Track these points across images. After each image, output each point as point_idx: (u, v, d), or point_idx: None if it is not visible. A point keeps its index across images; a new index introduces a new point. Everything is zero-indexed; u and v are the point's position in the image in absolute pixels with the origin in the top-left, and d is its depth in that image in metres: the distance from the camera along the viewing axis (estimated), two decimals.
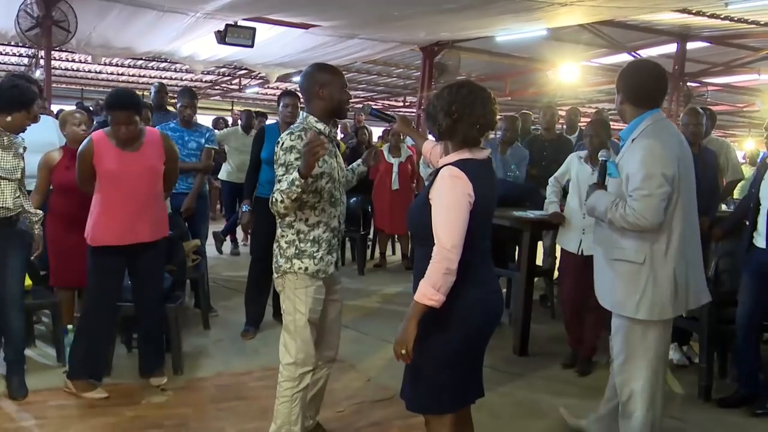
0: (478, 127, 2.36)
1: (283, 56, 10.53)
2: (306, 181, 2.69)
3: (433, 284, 2.24)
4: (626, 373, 2.97)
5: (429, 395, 2.44)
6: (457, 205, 2.27)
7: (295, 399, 2.96)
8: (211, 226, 6.52)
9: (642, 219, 2.73)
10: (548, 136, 6.43)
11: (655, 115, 2.88)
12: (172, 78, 16.40)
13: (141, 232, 3.69)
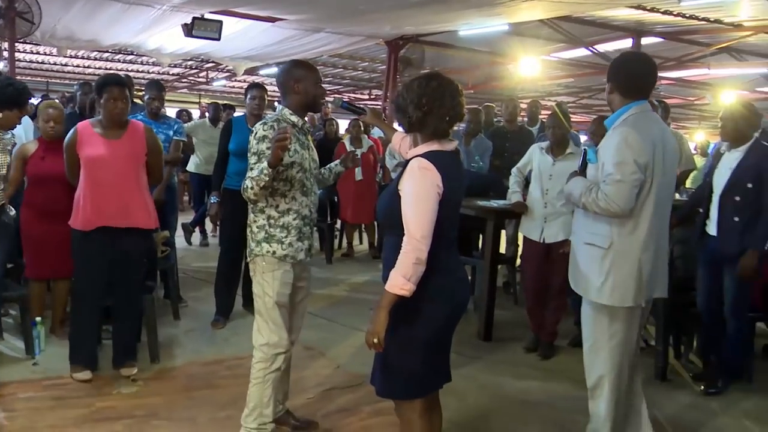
0: (447, 119, 2.36)
1: (250, 49, 10.41)
2: (274, 170, 2.76)
3: (404, 274, 2.24)
4: (593, 357, 3.00)
5: (399, 381, 2.44)
6: (427, 197, 2.27)
7: (267, 380, 2.99)
8: (180, 218, 6.43)
9: (613, 204, 2.75)
10: (510, 127, 6.47)
11: (641, 106, 2.88)
12: (139, 71, 16.09)
13: (138, 218, 3.69)
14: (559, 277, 4.50)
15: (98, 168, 3.58)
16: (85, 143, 3.59)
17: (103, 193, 3.59)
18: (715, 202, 3.94)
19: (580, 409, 3.71)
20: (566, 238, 4.37)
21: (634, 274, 2.84)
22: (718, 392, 4.00)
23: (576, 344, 4.79)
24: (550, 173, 4.42)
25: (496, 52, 11.21)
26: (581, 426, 3.52)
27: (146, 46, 10.29)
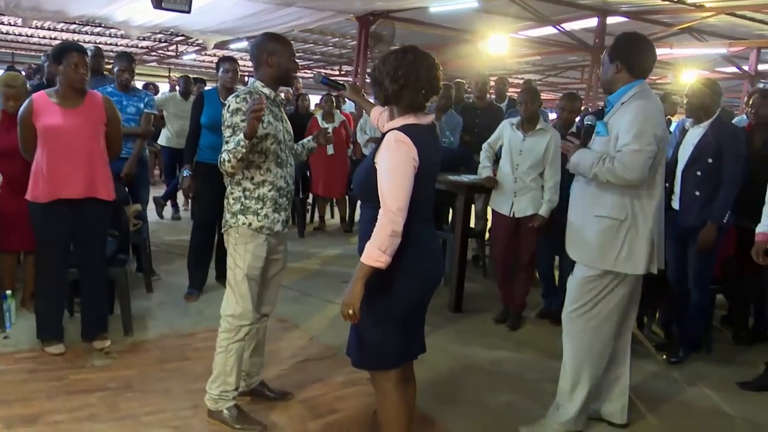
0: (423, 92, 2.32)
1: (221, 23, 10.16)
2: (250, 142, 2.71)
3: (380, 246, 2.22)
4: (573, 321, 3.02)
5: (374, 352, 2.43)
6: (402, 170, 2.24)
7: (230, 350, 2.97)
8: (151, 192, 6.31)
9: (629, 173, 2.72)
10: (480, 104, 6.45)
11: (644, 84, 2.89)
12: (107, 43, 15.67)
13: (97, 188, 3.58)
14: (528, 250, 4.54)
15: (55, 138, 3.46)
16: (41, 113, 3.47)
17: (61, 164, 3.47)
18: (678, 177, 3.98)
19: (548, 378, 3.76)
20: (535, 212, 4.40)
21: (647, 243, 2.87)
22: (680, 362, 4.08)
23: (543, 315, 4.85)
24: (520, 149, 4.41)
25: (466, 30, 11.14)
26: (548, 394, 3.57)
27: (114, 18, 9.98)
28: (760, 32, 10.55)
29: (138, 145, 4.98)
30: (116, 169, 4.74)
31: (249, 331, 3.02)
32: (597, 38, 10.54)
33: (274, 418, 3.13)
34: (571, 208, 3.09)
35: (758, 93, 4.76)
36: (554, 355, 4.13)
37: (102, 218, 3.70)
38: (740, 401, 3.63)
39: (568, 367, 3.07)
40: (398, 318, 2.39)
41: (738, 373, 3.97)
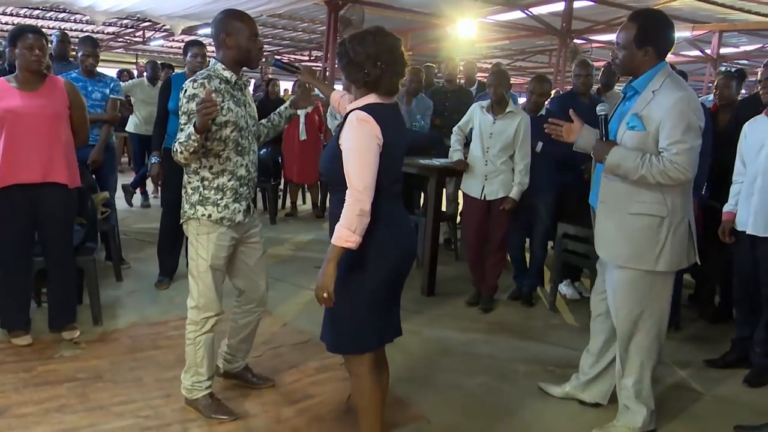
0: (399, 76, 2.29)
1: (188, 8, 9.92)
2: (202, 136, 2.59)
3: (348, 226, 2.18)
4: (631, 324, 2.85)
5: (348, 336, 2.39)
6: (367, 149, 2.19)
7: (198, 342, 2.90)
8: (120, 179, 6.17)
9: (686, 173, 2.59)
10: (450, 87, 6.42)
11: (667, 66, 2.73)
12: (72, 29, 15.24)
13: (57, 173, 3.45)
14: (499, 232, 4.53)
15: (14, 121, 3.33)
16: (1, 97, 3.34)
17: (19, 148, 3.35)
18: None
19: (520, 359, 3.79)
20: (506, 195, 4.39)
21: (687, 237, 2.76)
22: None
23: (515, 297, 4.86)
24: (491, 132, 4.39)
25: (435, 14, 11.09)
26: (521, 374, 3.59)
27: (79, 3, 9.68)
28: (722, 16, 10.68)
29: (104, 132, 4.84)
30: (83, 156, 4.63)
31: (216, 322, 2.93)
32: (564, 22, 10.58)
33: (248, 405, 3.08)
34: (601, 205, 2.89)
35: (723, 75, 4.80)
36: (526, 336, 4.17)
37: (64, 204, 3.56)
38: (707, 378, 3.67)
39: (632, 367, 2.92)
40: (372, 300, 2.35)
41: (705, 350, 4.02)
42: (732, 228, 3.60)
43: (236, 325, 3.15)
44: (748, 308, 3.71)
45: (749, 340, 3.71)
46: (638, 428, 2.94)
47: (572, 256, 4.62)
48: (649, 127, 2.65)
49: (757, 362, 3.65)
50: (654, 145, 2.65)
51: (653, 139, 2.65)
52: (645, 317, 2.83)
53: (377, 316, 2.39)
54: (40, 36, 3.41)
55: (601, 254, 2.94)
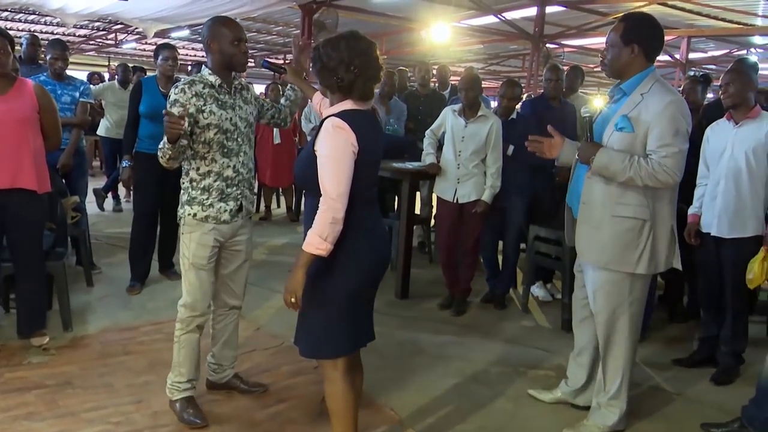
0: (374, 81, 2.29)
1: (160, 11, 9.86)
2: (174, 145, 2.64)
3: (320, 233, 2.18)
4: (611, 326, 2.88)
5: (322, 340, 2.39)
6: (341, 156, 2.20)
7: (182, 341, 2.92)
8: (91, 183, 6.10)
9: (674, 175, 2.60)
10: (423, 91, 6.45)
11: (656, 71, 2.75)
12: (43, 31, 15.04)
13: (26, 179, 3.39)
14: (471, 235, 4.56)
15: None
16: None
17: None
18: None
19: (493, 361, 3.82)
20: (478, 197, 4.42)
21: (669, 240, 2.79)
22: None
23: (488, 300, 4.89)
24: (463, 135, 4.42)
25: (409, 18, 11.13)
26: (494, 376, 3.62)
27: (49, 5, 9.57)
28: (691, 22, 10.87)
29: (74, 136, 4.79)
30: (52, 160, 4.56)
31: (202, 323, 2.94)
32: (536, 27, 10.68)
33: (221, 408, 3.07)
34: (583, 206, 2.88)
35: (689, 79, 4.89)
36: (497, 338, 4.20)
37: (32, 210, 3.50)
38: (676, 377, 3.73)
39: (611, 369, 2.95)
40: (344, 305, 2.36)
41: (674, 349, 4.09)
42: (697, 230, 3.67)
43: (214, 330, 3.16)
44: (714, 308, 3.78)
45: (716, 339, 3.78)
46: (608, 428, 2.98)
47: (544, 259, 4.67)
48: (637, 129, 2.66)
49: (723, 361, 3.72)
50: (641, 147, 2.66)
51: (641, 141, 2.66)
52: (623, 319, 2.87)
53: (351, 321, 2.40)
54: (3, 38, 3.36)
55: (581, 256, 2.96)
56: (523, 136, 4.49)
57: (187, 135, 2.72)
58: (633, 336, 2.91)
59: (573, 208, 3.01)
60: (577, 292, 3.16)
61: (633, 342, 2.92)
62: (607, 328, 2.90)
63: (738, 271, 3.47)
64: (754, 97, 3.57)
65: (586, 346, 3.16)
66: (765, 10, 10.09)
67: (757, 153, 3.41)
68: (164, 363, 3.29)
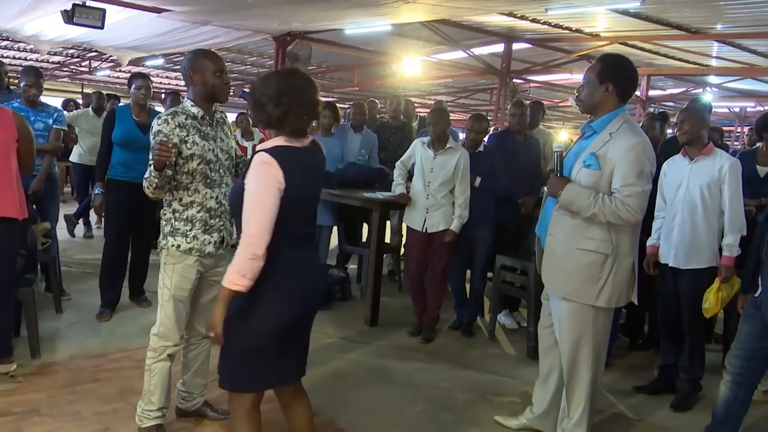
0: (306, 117, 2.26)
1: (135, 39, 9.86)
2: (160, 173, 2.66)
3: (239, 270, 2.15)
4: (575, 354, 2.92)
5: (240, 372, 2.32)
6: (265, 192, 2.16)
7: (153, 369, 2.87)
8: (62, 209, 6.02)
9: (635, 214, 2.66)
10: (394, 123, 6.52)
11: (626, 112, 2.82)
12: (16, 57, 14.93)
13: (7, 207, 3.36)
14: (440, 264, 4.60)
15: None
16: None
17: None
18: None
19: (460, 388, 3.84)
20: (447, 227, 4.48)
21: (629, 276, 2.83)
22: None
23: (456, 327, 4.92)
24: (432, 166, 4.49)
25: (380, 51, 11.30)
26: (460, 402, 3.64)
27: (23, 31, 9.52)
28: (650, 61, 11.22)
29: (47, 162, 4.74)
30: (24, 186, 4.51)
31: (174, 352, 2.90)
32: (504, 63, 10.92)
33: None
34: (550, 237, 2.93)
35: (648, 116, 5.05)
36: (465, 365, 4.23)
37: (10, 238, 3.45)
38: (637, 404, 3.79)
39: (575, 396, 2.97)
40: (264, 341, 2.28)
41: (635, 377, 4.15)
42: (655, 261, 3.76)
43: (186, 359, 3.12)
44: (673, 337, 3.86)
45: (675, 367, 3.86)
46: None
47: (510, 288, 4.73)
48: (604, 167, 2.72)
49: (682, 388, 3.79)
50: (607, 185, 2.73)
51: (606, 179, 2.72)
52: (586, 349, 2.91)
53: (267, 359, 2.32)
54: None
55: (547, 285, 3.01)
56: (490, 168, 4.65)
57: (171, 165, 2.73)
58: (596, 364, 2.95)
59: (541, 237, 3.07)
60: (543, 320, 3.21)
61: (596, 370, 2.96)
62: (571, 356, 2.95)
63: (695, 301, 3.57)
64: (708, 135, 3.71)
65: (551, 373, 3.19)
66: (719, 52, 10.47)
67: (711, 188, 3.53)
68: (133, 390, 3.25)
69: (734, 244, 3.48)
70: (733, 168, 3.51)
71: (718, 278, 3.49)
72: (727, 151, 4.19)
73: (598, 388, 3.05)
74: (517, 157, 4.94)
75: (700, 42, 9.71)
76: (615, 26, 9.15)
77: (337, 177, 5.26)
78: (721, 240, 3.55)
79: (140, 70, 7.29)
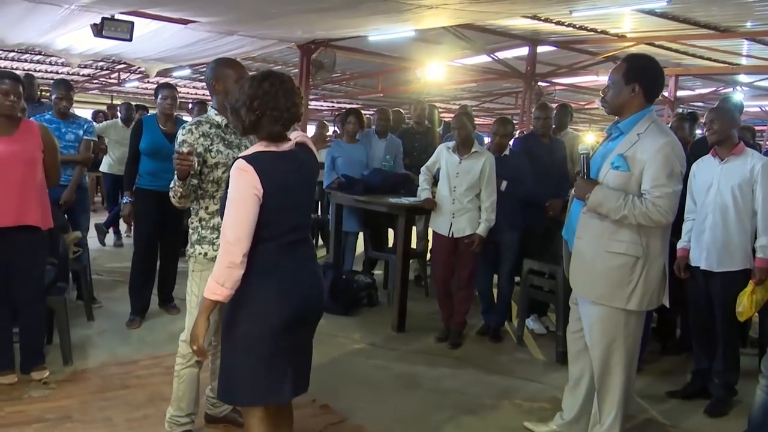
0: (281, 121, 2.21)
1: (163, 51, 10.01)
2: (184, 182, 2.68)
3: (218, 279, 2.13)
4: (606, 359, 2.87)
5: (237, 386, 2.28)
6: (241, 199, 2.14)
7: (182, 376, 2.90)
8: (93, 219, 6.12)
9: (667, 215, 2.63)
10: (418, 128, 6.52)
11: (653, 112, 2.77)
12: (48, 71, 15.23)
13: (31, 216, 3.41)
14: (466, 269, 4.58)
15: None
16: None
17: None
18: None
19: (488, 394, 3.80)
20: (473, 232, 4.45)
21: (660, 278, 2.79)
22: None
23: (483, 333, 4.89)
24: (457, 171, 4.47)
25: (404, 57, 11.30)
26: (488, 408, 3.61)
27: (54, 46, 9.72)
28: (677, 61, 11.05)
29: (77, 172, 4.83)
30: (55, 196, 4.59)
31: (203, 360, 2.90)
32: (528, 66, 10.85)
33: None
34: (578, 241, 2.90)
35: (676, 116, 4.98)
36: (493, 370, 4.19)
37: (35, 247, 3.52)
38: (670, 410, 3.72)
39: (607, 402, 2.93)
40: (256, 353, 2.23)
41: (667, 382, 4.07)
42: (686, 264, 3.69)
43: (214, 365, 3.12)
44: (705, 341, 3.78)
45: (708, 371, 3.78)
46: None
47: (538, 292, 4.68)
48: (633, 168, 2.68)
49: (716, 393, 3.71)
50: (636, 186, 2.69)
51: (636, 180, 2.69)
52: (618, 353, 2.86)
53: (266, 370, 2.25)
54: (17, 82, 3.41)
55: (575, 289, 2.97)
56: (516, 171, 4.62)
57: (196, 174, 2.75)
58: (628, 369, 2.90)
59: (569, 241, 3.03)
60: (572, 325, 3.16)
61: (628, 375, 2.91)
62: (602, 361, 2.90)
63: (728, 305, 3.49)
64: (739, 134, 3.63)
65: (581, 379, 3.14)
66: (749, 51, 10.28)
67: (743, 188, 3.46)
68: (163, 397, 3.28)
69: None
70: (765, 167, 3.43)
71: (752, 281, 3.41)
72: (759, 151, 4.11)
73: (630, 393, 3.00)
74: (543, 160, 4.89)
75: (730, 41, 9.55)
76: (641, 27, 9.03)
77: (362, 183, 5.26)
78: (755, 241, 3.47)
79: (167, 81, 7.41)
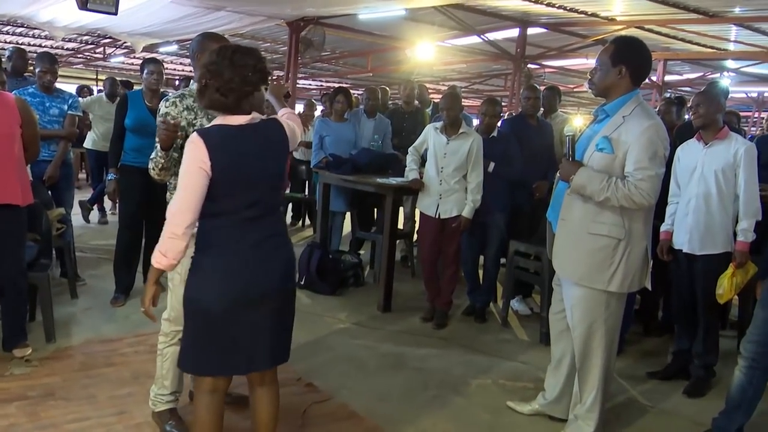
0: (222, 92, 2.17)
1: (149, 26, 9.86)
2: (167, 153, 2.65)
3: (160, 248, 2.18)
4: (587, 340, 2.90)
5: (188, 354, 2.35)
6: (186, 172, 2.16)
7: (165, 354, 2.89)
8: (77, 195, 6.06)
9: (648, 198, 2.64)
10: (407, 108, 6.50)
11: (640, 94, 2.78)
12: (30, 44, 14.94)
13: (10, 193, 3.35)
14: (452, 249, 4.59)
15: None
16: None
17: None
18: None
19: (472, 373, 3.84)
20: (459, 213, 4.46)
21: (642, 261, 2.81)
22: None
23: (469, 313, 4.92)
24: (445, 152, 4.46)
25: (394, 37, 11.21)
26: (472, 388, 3.64)
27: (38, 18, 9.54)
28: (666, 45, 11.05)
29: (62, 148, 4.78)
30: (39, 172, 4.55)
31: None
32: (518, 48, 10.81)
33: None
34: (561, 222, 2.92)
35: (664, 101, 4.99)
36: (477, 350, 4.23)
37: (15, 224, 3.46)
38: (650, 390, 3.77)
39: (588, 382, 2.96)
40: (204, 323, 2.27)
41: (648, 363, 4.13)
42: (669, 246, 3.73)
43: None
44: (687, 322, 3.83)
45: (688, 352, 3.83)
46: None
47: (524, 273, 4.71)
48: (617, 150, 2.69)
49: (695, 374, 3.77)
50: (620, 168, 2.70)
51: (620, 163, 2.70)
52: (598, 334, 2.89)
53: (210, 343, 2.28)
54: None
55: (558, 270, 2.99)
56: (504, 153, 4.62)
57: (177, 148, 2.70)
58: (609, 350, 2.93)
59: (552, 223, 3.05)
60: (555, 306, 3.19)
61: (609, 356, 2.94)
62: (583, 342, 2.93)
63: (709, 287, 3.53)
64: (724, 119, 3.65)
65: (563, 359, 3.17)
66: (737, 36, 10.29)
67: (726, 173, 3.48)
68: (147, 374, 3.27)
69: (749, 229, 3.44)
70: (749, 152, 3.46)
71: (732, 263, 3.45)
72: (743, 136, 4.14)
73: (610, 373, 3.03)
74: (531, 142, 4.90)
75: (718, 26, 9.54)
76: (631, 10, 9.01)
77: (350, 162, 5.25)
78: (736, 225, 3.50)
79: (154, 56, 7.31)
